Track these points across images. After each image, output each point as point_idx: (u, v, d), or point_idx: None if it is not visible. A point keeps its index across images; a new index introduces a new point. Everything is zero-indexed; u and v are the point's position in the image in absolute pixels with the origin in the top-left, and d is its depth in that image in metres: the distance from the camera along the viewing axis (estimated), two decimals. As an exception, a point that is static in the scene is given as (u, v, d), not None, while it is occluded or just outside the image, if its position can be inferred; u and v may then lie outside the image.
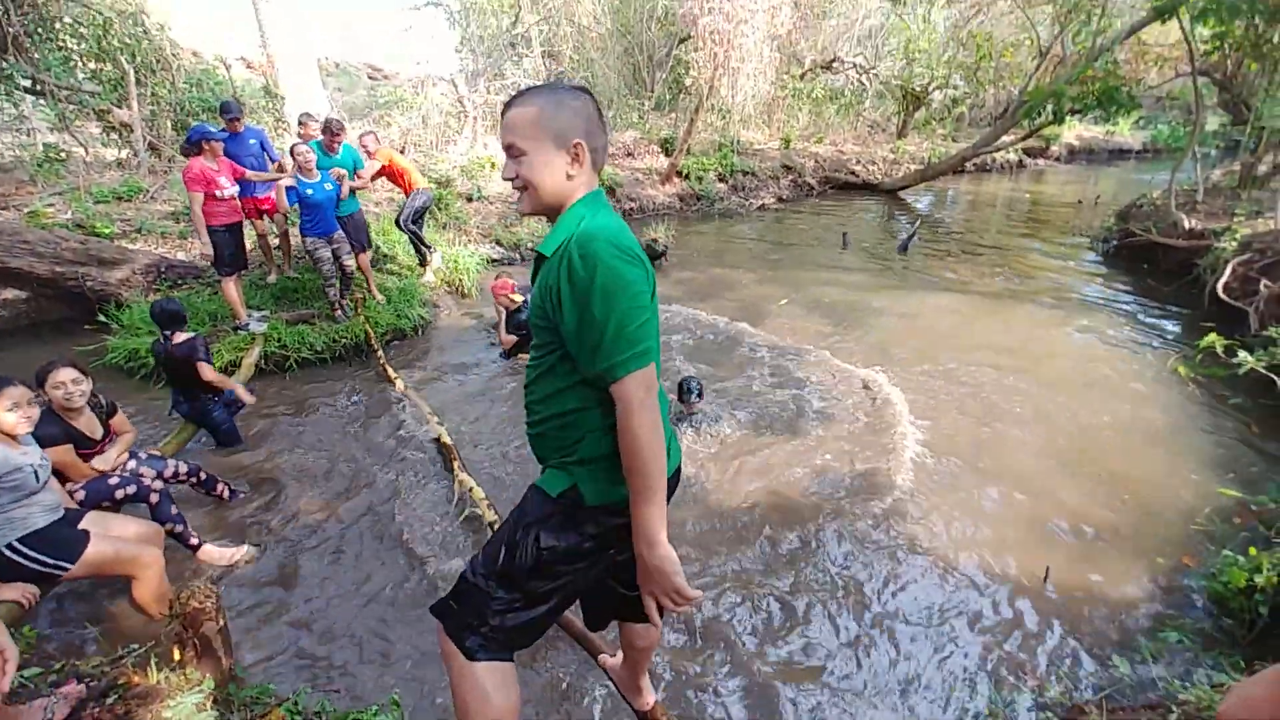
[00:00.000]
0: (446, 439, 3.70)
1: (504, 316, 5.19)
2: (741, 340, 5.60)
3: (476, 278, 7.16)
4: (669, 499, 1.24)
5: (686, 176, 12.62)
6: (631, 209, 11.82)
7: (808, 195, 14.20)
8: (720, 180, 13.03)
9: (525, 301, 4.99)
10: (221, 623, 1.93)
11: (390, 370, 4.78)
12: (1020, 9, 12.59)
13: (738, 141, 13.83)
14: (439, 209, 8.66)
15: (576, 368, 1.19)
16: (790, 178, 14.29)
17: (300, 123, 6.19)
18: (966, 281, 7.45)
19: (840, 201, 13.66)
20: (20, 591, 2.20)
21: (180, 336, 3.55)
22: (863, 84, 17.88)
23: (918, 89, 16.68)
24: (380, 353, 5.10)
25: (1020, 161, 18.17)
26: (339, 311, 5.41)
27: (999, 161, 17.52)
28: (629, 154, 12.96)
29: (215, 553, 2.91)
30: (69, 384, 2.61)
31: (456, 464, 3.41)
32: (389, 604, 2.70)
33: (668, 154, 12.98)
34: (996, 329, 5.88)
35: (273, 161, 5.78)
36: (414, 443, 3.93)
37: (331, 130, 5.56)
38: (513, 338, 4.99)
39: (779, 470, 3.63)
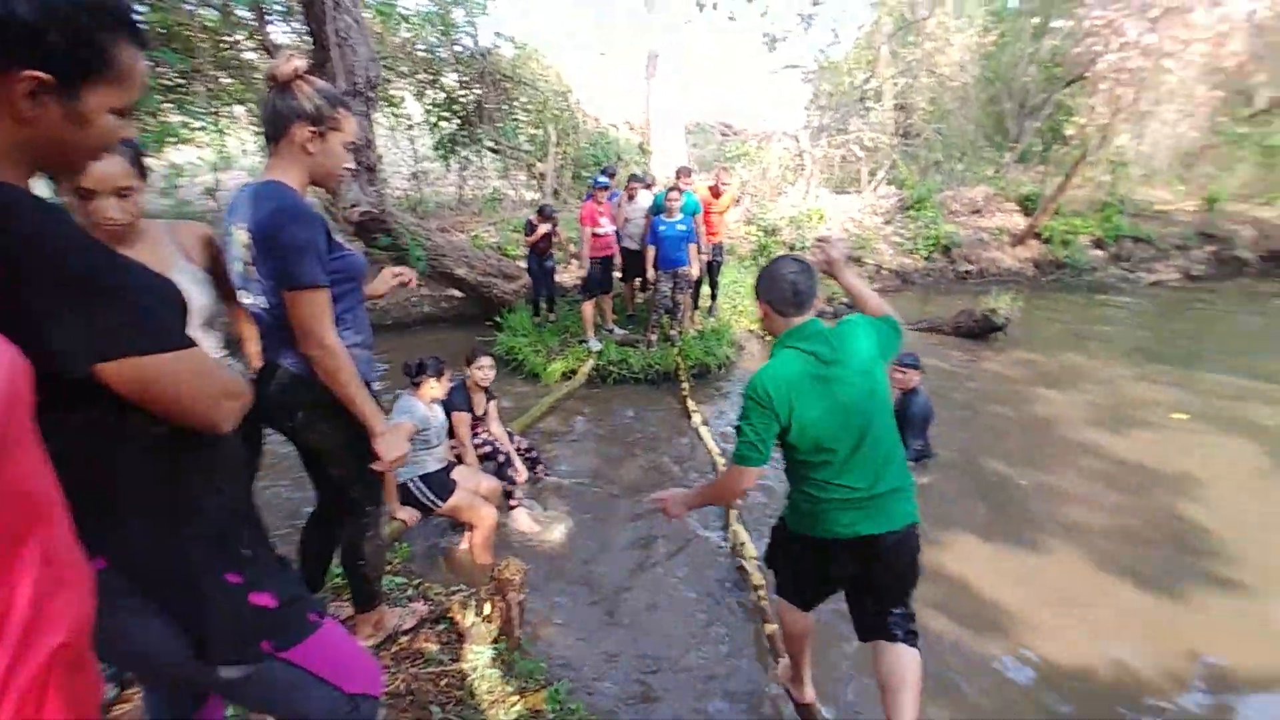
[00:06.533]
0: (727, 482, 3.74)
1: None
2: (1101, 450, 4.42)
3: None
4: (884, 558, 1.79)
5: (1048, 240, 10.74)
6: (968, 272, 10.53)
7: (1236, 274, 10.72)
8: (1097, 247, 10.75)
9: None
10: (521, 596, 2.27)
11: (691, 403, 5.10)
12: None
13: (1131, 200, 11.19)
14: (762, 256, 9.03)
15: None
16: (1211, 249, 10.99)
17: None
18: None
19: (1297, 286, 9.92)
20: (408, 514, 2.96)
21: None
22: (1366, 126, 12.65)
23: None
24: (685, 385, 5.49)
25: None
26: (653, 335, 6.04)
27: None
28: (975, 211, 11.59)
29: (523, 518, 3.49)
30: (487, 368, 3.52)
31: (733, 514, 3.42)
32: (650, 625, 2.83)
33: (1026, 213, 11.23)
34: None
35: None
36: (696, 477, 4.10)
37: (679, 174, 6.30)
38: None
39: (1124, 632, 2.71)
